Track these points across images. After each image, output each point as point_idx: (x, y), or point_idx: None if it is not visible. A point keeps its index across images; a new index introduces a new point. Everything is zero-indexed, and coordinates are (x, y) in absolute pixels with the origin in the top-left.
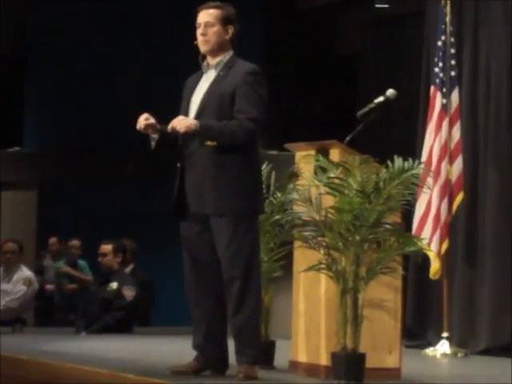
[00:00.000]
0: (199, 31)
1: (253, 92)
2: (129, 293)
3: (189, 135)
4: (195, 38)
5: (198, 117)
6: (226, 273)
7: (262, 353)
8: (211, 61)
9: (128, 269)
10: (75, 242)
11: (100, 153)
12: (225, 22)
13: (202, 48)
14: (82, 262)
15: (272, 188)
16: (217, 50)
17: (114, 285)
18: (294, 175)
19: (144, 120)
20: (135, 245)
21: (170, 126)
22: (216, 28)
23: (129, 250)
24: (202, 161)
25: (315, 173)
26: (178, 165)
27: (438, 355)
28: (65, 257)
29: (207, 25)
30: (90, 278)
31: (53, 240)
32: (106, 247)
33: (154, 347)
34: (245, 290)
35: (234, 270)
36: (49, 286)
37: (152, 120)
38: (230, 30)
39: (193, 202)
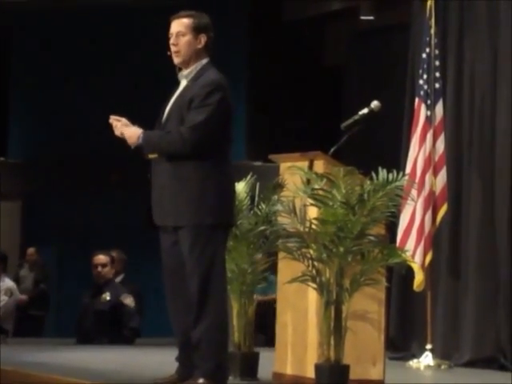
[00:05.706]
0: (170, 41)
1: (201, 103)
2: (129, 300)
3: (138, 148)
4: (169, 49)
5: (163, 128)
6: (190, 285)
7: (244, 365)
8: (184, 71)
9: (118, 279)
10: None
11: (85, 163)
12: (196, 30)
13: (175, 60)
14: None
15: (256, 199)
16: (189, 60)
17: (107, 295)
18: (279, 186)
19: (116, 121)
20: (124, 255)
21: (119, 132)
22: (187, 37)
23: (119, 260)
24: (161, 173)
25: (301, 184)
26: (149, 176)
27: (422, 367)
28: None
29: (178, 34)
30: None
31: (31, 250)
32: (104, 258)
33: (138, 358)
34: (202, 304)
35: (193, 282)
36: (23, 297)
37: (124, 121)
38: (203, 38)
39: (156, 215)
